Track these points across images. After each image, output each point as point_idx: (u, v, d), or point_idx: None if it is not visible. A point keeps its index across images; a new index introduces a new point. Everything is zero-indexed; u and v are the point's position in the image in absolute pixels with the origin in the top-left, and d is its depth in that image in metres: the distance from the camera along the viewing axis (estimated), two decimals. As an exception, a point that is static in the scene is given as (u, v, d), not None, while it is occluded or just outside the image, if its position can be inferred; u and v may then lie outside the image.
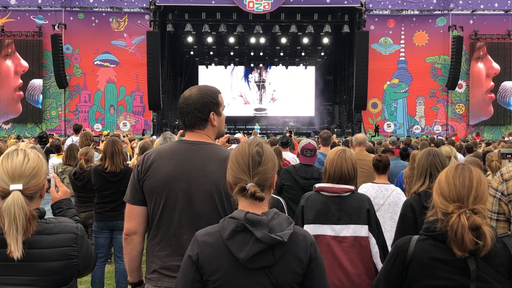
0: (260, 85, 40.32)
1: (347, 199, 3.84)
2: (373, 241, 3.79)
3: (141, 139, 12.55)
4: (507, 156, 4.92)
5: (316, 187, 3.94)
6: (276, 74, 40.16)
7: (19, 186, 2.33)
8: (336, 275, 3.76)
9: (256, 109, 40.61)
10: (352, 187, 3.87)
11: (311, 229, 3.79)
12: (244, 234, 2.14)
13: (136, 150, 8.73)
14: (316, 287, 2.24)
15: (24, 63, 31.77)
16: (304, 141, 6.11)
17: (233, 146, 5.47)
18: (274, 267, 2.15)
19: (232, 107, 38.17)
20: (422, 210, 3.52)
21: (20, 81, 31.81)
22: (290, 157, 8.45)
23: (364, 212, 3.81)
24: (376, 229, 3.83)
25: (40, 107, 32.00)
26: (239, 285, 2.16)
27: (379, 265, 3.72)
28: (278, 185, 5.88)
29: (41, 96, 31.91)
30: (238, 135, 6.12)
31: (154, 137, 24.54)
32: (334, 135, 18.49)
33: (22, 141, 14.52)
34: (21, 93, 31.81)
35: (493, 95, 32.29)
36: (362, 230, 3.79)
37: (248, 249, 2.11)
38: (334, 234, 3.81)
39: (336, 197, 3.84)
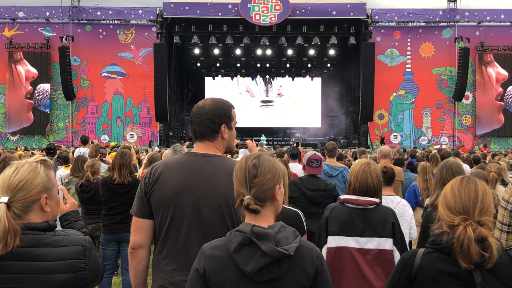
0: (267, 79, 40.35)
1: (372, 211, 3.83)
2: (397, 254, 3.77)
3: (146, 151, 12.60)
4: None
5: (341, 198, 3.94)
6: (283, 85, 40.21)
7: (4, 199, 2.34)
8: (361, 287, 3.76)
9: (263, 101, 40.43)
10: (377, 200, 3.85)
11: (335, 240, 3.81)
12: (251, 247, 2.15)
13: (144, 162, 8.74)
14: None
15: (33, 70, 32.10)
16: (310, 152, 6.11)
17: (242, 150, 5.48)
18: (280, 281, 2.15)
19: (238, 101, 38.40)
20: None
21: (30, 87, 32.16)
22: (299, 169, 8.44)
23: (389, 225, 3.79)
24: (400, 242, 3.82)
25: (48, 111, 32.20)
26: None
27: None
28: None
29: (49, 101, 32.15)
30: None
31: (156, 148, 24.60)
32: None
33: (33, 153, 14.55)
34: (31, 101, 32.09)
35: (502, 103, 32.27)
36: (386, 243, 3.78)
37: (254, 262, 2.12)
38: (358, 246, 3.80)
39: (361, 209, 3.83)
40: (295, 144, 13.36)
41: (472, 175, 6.18)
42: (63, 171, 9.13)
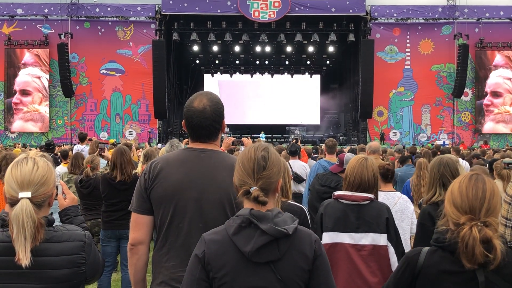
0: (265, 76, 40.34)
1: (366, 207, 3.81)
2: (391, 250, 3.76)
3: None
4: (509, 166, 4.88)
5: (335, 194, 3.92)
6: (282, 82, 40.22)
7: (28, 194, 2.34)
8: (355, 283, 3.74)
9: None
10: (371, 196, 3.83)
11: (330, 236, 3.79)
12: (250, 229, 2.16)
13: (141, 159, 8.69)
14: (322, 285, 2.23)
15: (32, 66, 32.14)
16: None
17: (241, 148, 5.47)
18: (279, 262, 2.15)
19: (235, 77, 38.57)
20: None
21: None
22: (299, 166, 8.43)
23: (383, 221, 3.77)
24: (395, 238, 3.80)
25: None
26: (245, 281, 2.16)
27: None
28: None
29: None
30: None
31: (159, 145, 24.58)
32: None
33: (30, 149, 14.55)
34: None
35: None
36: (381, 239, 3.76)
37: (253, 242, 2.12)
38: (353, 242, 3.78)
39: (355, 205, 3.81)
40: (294, 141, 13.33)
41: (474, 170, 6.17)
42: (62, 168, 9.11)
